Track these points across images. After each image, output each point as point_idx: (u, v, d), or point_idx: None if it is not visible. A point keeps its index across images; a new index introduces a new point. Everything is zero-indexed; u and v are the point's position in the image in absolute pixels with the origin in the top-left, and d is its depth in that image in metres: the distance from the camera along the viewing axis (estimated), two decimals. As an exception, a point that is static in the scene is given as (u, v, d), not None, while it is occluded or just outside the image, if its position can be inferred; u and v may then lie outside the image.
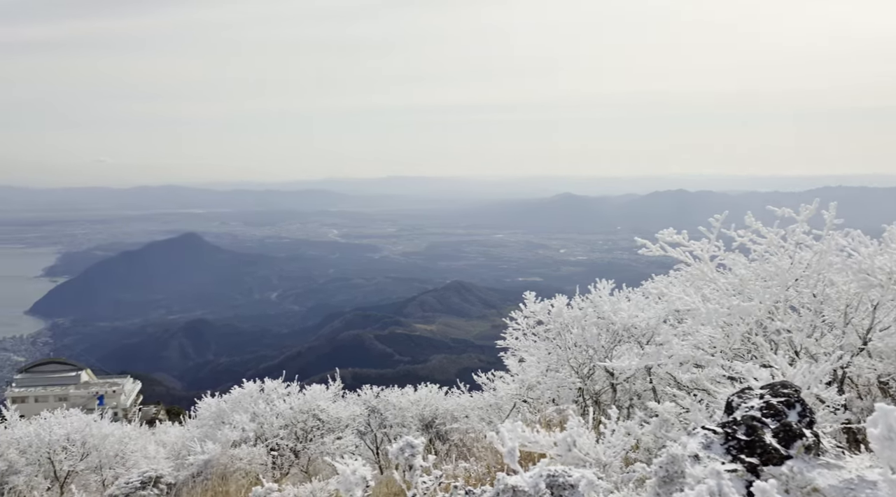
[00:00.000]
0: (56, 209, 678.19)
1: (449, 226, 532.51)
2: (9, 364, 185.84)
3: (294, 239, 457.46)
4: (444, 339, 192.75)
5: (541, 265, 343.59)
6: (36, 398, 60.33)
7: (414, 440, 4.69)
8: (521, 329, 12.63)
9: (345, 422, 13.61)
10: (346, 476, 4.16)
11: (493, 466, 7.00)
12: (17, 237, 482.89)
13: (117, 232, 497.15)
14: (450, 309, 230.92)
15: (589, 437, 5.07)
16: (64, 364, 72.05)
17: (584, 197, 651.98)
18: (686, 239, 8.51)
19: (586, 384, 11.63)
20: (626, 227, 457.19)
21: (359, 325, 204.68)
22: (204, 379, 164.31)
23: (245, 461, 10.95)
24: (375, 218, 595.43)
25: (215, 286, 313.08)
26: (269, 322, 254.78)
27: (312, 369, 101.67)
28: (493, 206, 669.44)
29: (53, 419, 12.42)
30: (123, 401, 63.76)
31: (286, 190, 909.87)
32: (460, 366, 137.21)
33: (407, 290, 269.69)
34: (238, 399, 14.55)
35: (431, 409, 15.14)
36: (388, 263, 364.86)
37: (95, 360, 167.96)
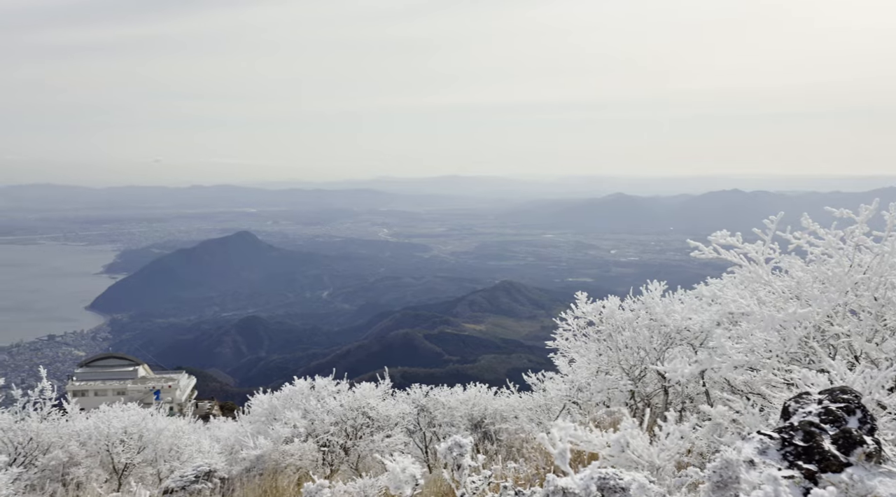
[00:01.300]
0: (116, 208, 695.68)
1: (499, 225, 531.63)
2: (70, 358, 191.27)
3: (345, 238, 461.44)
4: (494, 338, 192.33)
5: (591, 266, 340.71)
6: (95, 392, 61.84)
7: (462, 439, 4.69)
8: (571, 330, 12.54)
9: (394, 420, 13.67)
10: (396, 474, 4.18)
11: (543, 468, 6.96)
12: (79, 235, 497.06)
13: (173, 230, 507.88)
14: (499, 309, 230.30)
15: (642, 440, 5.01)
16: (122, 359, 73.71)
17: (635, 197, 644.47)
18: (740, 241, 8.34)
19: (638, 386, 11.49)
20: (679, 228, 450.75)
21: (408, 324, 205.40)
22: (256, 375, 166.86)
23: (296, 457, 11.09)
24: (425, 217, 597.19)
25: (268, 284, 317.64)
26: (319, 320, 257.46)
27: (362, 367, 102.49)
28: (543, 205, 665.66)
29: (112, 412, 12.70)
30: (178, 396, 64.95)
31: (337, 189, 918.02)
32: (509, 366, 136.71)
33: (456, 289, 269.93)
34: (289, 396, 14.74)
35: (480, 408, 15.12)
36: (438, 263, 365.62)
37: (152, 355, 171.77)
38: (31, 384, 12.10)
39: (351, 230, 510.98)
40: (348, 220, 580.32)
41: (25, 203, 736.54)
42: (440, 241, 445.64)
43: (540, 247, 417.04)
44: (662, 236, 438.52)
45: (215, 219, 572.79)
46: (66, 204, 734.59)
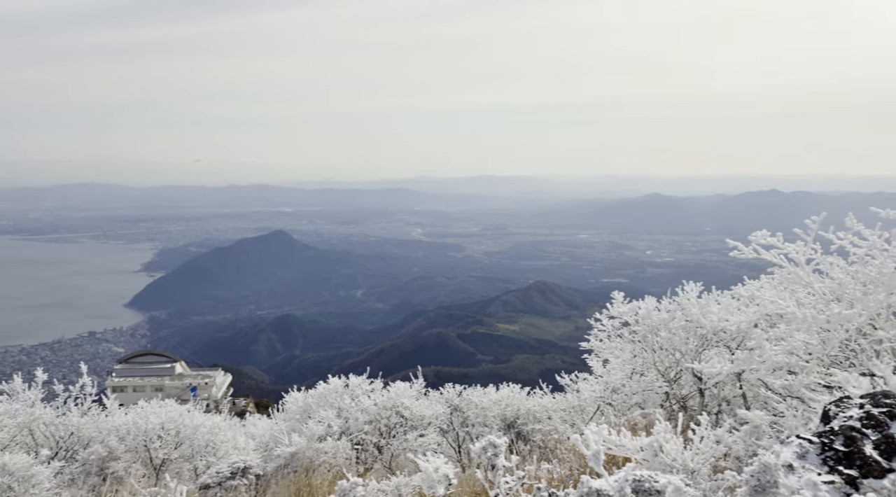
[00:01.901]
0: (154, 207, 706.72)
1: (532, 225, 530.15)
2: (109, 354, 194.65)
3: (379, 237, 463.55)
4: (527, 339, 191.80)
5: (626, 266, 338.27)
6: (134, 388, 62.82)
7: (497, 440, 4.68)
8: (606, 330, 12.44)
9: (427, 419, 13.69)
10: (429, 473, 4.18)
11: (577, 469, 6.92)
12: (119, 233, 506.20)
13: (210, 229, 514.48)
14: (533, 309, 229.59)
15: (676, 443, 4.95)
16: (160, 356, 74.77)
17: (671, 197, 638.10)
18: (781, 241, 8.21)
19: (673, 388, 11.37)
20: (716, 229, 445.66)
21: (441, 324, 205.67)
22: (290, 373, 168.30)
23: (330, 455, 11.15)
24: (459, 217, 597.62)
25: (302, 283, 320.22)
26: (353, 319, 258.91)
27: (395, 366, 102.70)
28: (577, 205, 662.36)
29: (150, 408, 12.88)
30: (215, 393, 65.72)
31: (371, 189, 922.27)
32: (543, 366, 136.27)
33: (490, 289, 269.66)
34: (324, 394, 14.81)
35: (513, 409, 15.07)
36: (472, 263, 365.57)
37: (189, 352, 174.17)
38: (73, 379, 12.33)
39: (385, 230, 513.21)
40: (382, 219, 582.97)
41: (69, 202, 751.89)
42: (474, 241, 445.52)
43: (574, 247, 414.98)
44: (699, 237, 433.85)
45: (251, 218, 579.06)
46: (107, 203, 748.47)
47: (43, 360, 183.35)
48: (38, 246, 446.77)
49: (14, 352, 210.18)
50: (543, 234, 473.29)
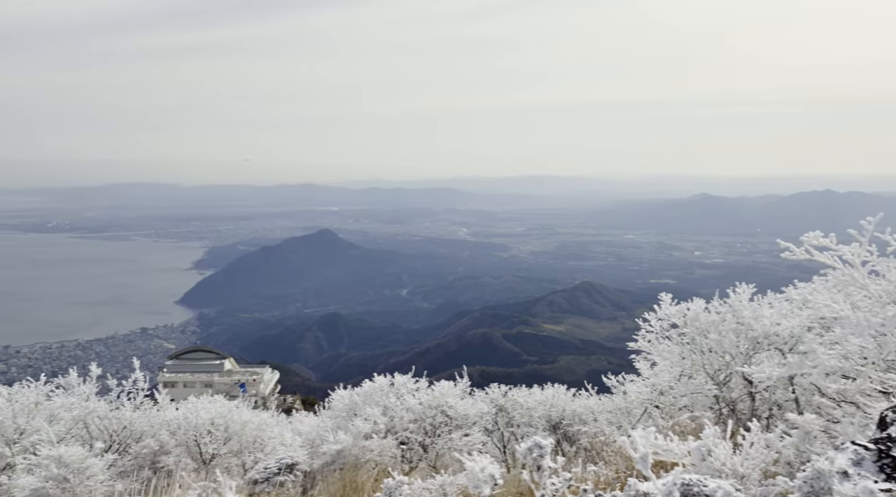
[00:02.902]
0: (204, 206, 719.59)
1: (579, 225, 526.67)
2: (161, 350, 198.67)
3: (424, 237, 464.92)
4: (573, 339, 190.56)
5: (674, 267, 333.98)
6: (184, 383, 64.01)
7: (543, 441, 4.66)
8: (653, 332, 12.29)
9: (472, 419, 13.68)
10: (475, 473, 4.18)
11: (623, 472, 6.85)
12: (170, 232, 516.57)
13: (258, 228, 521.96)
14: (579, 309, 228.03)
15: (726, 447, 4.87)
16: (209, 352, 75.99)
17: (721, 197, 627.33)
18: (834, 242, 8.01)
19: (722, 392, 11.19)
20: (767, 230, 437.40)
21: (487, 324, 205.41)
22: (337, 371, 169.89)
23: (375, 453, 11.21)
24: (504, 217, 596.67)
25: (348, 282, 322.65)
26: (399, 318, 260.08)
27: (440, 365, 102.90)
28: (624, 205, 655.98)
29: (199, 404, 13.07)
30: (262, 389, 66.55)
31: (417, 188, 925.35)
32: (589, 367, 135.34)
33: (535, 289, 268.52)
34: (369, 392, 14.89)
35: (559, 409, 14.97)
36: (517, 262, 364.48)
37: (237, 349, 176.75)
38: (125, 374, 12.60)
39: (430, 229, 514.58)
40: (427, 219, 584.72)
41: (122, 201, 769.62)
42: (519, 241, 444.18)
43: (621, 247, 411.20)
44: (749, 238, 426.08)
45: (299, 217, 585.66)
46: (159, 202, 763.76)
47: (97, 355, 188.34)
48: (93, 244, 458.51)
49: (70, 347, 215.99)
50: (590, 234, 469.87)
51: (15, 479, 8.54)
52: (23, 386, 10.82)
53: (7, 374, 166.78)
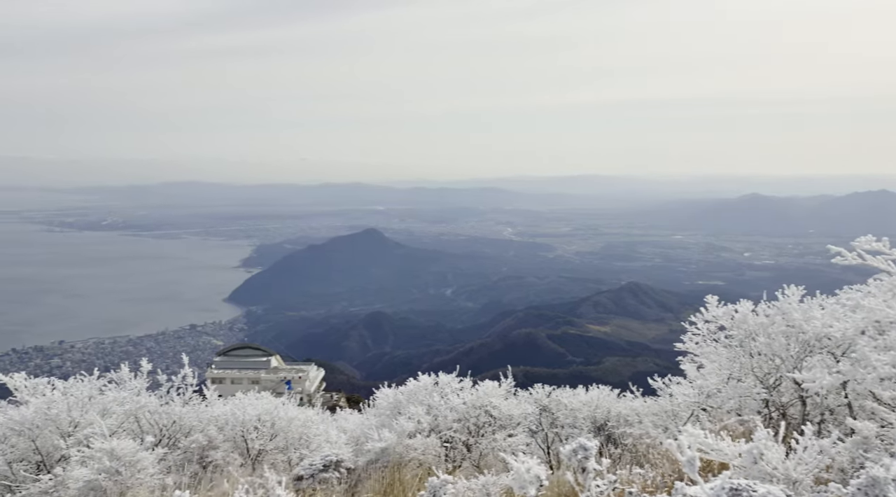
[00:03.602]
0: (253, 204, 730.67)
1: (625, 226, 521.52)
2: (209, 347, 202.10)
3: (469, 236, 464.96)
4: (618, 340, 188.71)
5: (723, 268, 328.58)
6: (232, 380, 64.88)
7: (588, 442, 4.62)
8: (701, 334, 12.10)
9: (516, 419, 13.63)
10: (521, 473, 4.16)
11: (670, 475, 6.76)
12: (219, 230, 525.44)
13: (305, 227, 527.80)
14: (625, 310, 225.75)
15: (778, 451, 4.77)
16: (257, 349, 76.96)
17: (771, 197, 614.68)
18: (888, 246, 7.80)
19: (772, 395, 10.97)
20: (820, 231, 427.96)
21: (531, 324, 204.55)
22: (381, 369, 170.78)
23: (419, 451, 11.24)
24: (550, 217, 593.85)
25: (393, 280, 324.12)
26: (443, 317, 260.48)
27: (484, 365, 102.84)
28: (672, 205, 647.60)
29: (247, 400, 13.24)
30: (308, 387, 67.15)
31: (462, 188, 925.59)
32: (634, 369, 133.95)
33: (581, 289, 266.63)
34: (413, 391, 14.92)
35: (604, 411, 14.83)
36: (562, 263, 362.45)
37: (284, 347, 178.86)
38: (175, 370, 12.83)
39: (475, 229, 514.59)
40: (473, 218, 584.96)
41: (173, 199, 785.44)
42: (565, 241, 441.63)
43: (668, 248, 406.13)
44: (801, 239, 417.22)
45: (345, 216, 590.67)
46: (209, 201, 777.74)
47: (148, 351, 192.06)
48: (146, 242, 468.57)
49: (122, 342, 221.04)
50: (637, 235, 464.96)
51: (69, 471, 8.76)
52: (77, 380, 11.08)
53: (62, 368, 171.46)
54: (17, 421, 9.64)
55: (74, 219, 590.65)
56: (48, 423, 9.84)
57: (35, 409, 9.83)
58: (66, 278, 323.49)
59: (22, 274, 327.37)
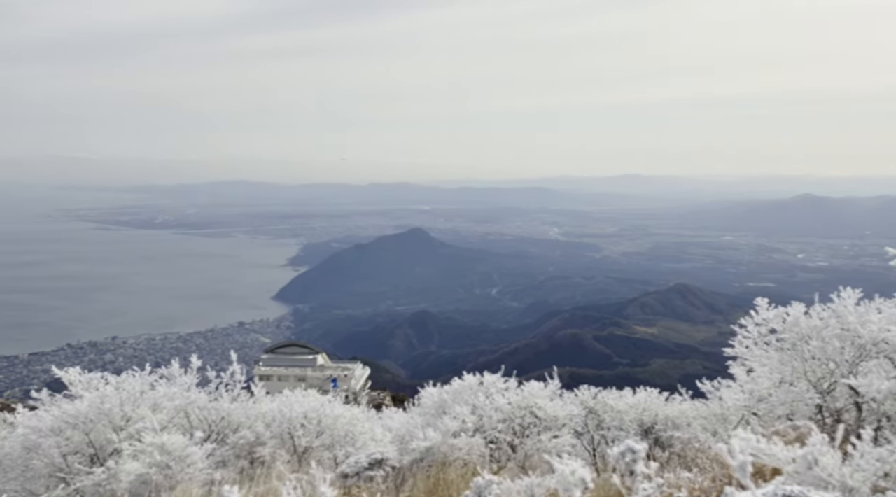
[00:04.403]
0: (301, 204, 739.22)
1: (674, 226, 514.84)
2: (257, 344, 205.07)
3: (515, 236, 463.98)
4: (666, 342, 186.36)
5: (774, 270, 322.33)
6: (279, 377, 65.59)
7: (636, 445, 4.55)
8: (751, 337, 11.85)
9: (562, 421, 13.52)
10: (566, 475, 4.11)
11: (720, 479, 6.63)
12: (267, 229, 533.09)
13: (352, 226, 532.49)
14: (673, 312, 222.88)
15: (834, 457, 4.63)
16: (303, 347, 77.66)
17: (826, 198, 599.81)
18: (950, 246, 7.54)
19: (826, 401, 10.69)
20: (878, 232, 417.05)
21: (577, 325, 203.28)
22: (426, 368, 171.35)
23: (464, 451, 11.22)
24: (597, 217, 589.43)
25: (439, 280, 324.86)
26: (488, 317, 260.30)
27: (530, 366, 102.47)
28: (722, 206, 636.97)
29: (294, 397, 13.35)
30: (354, 385, 67.57)
31: (509, 188, 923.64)
32: (683, 371, 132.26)
33: (628, 290, 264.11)
34: (458, 390, 14.91)
35: (651, 414, 14.64)
36: (609, 263, 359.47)
37: (330, 345, 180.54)
38: (223, 367, 13.01)
39: (521, 228, 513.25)
40: (519, 218, 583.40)
41: (224, 199, 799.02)
42: (612, 242, 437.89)
43: (718, 249, 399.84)
44: (857, 240, 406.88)
45: (391, 215, 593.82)
46: (260, 200, 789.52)
47: (197, 348, 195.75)
48: (195, 240, 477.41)
49: (172, 338, 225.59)
50: (686, 236, 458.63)
51: (122, 465, 8.94)
52: (129, 375, 11.30)
53: (115, 363, 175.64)
54: (71, 414, 9.87)
55: (127, 217, 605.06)
56: (101, 417, 10.05)
57: (89, 404, 10.05)
58: (119, 275, 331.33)
59: (77, 271, 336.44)
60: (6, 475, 9.86)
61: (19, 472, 9.75)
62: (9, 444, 10.03)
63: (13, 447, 9.94)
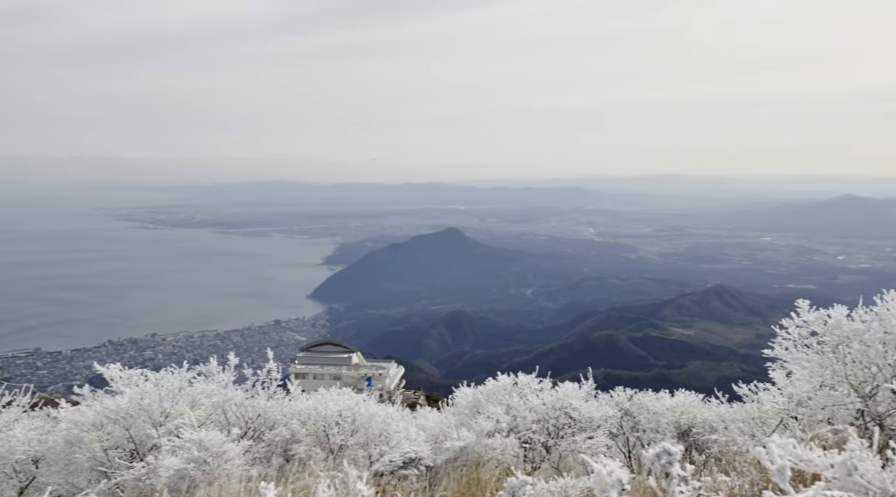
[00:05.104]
0: (336, 203, 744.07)
1: (711, 227, 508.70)
2: (293, 342, 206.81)
3: (550, 236, 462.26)
4: (703, 344, 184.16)
5: (814, 272, 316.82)
6: (314, 375, 66.06)
7: (672, 447, 4.51)
8: (791, 339, 11.66)
9: (597, 422, 13.44)
10: (602, 476, 4.09)
11: (758, 483, 6.55)
12: (303, 228, 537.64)
13: (386, 225, 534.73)
14: (710, 314, 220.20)
15: (873, 463, 4.55)
16: (338, 346, 78.05)
17: (868, 199, 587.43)
18: None
19: (868, 405, 10.50)
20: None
21: (612, 326, 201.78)
22: (460, 368, 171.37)
23: (498, 451, 11.21)
24: (633, 217, 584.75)
25: (473, 280, 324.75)
26: (523, 317, 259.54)
27: (564, 366, 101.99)
28: (760, 206, 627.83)
29: (328, 396, 13.44)
30: (388, 384, 67.76)
31: (544, 188, 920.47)
32: (719, 374, 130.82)
33: (664, 292, 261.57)
34: (492, 390, 14.89)
35: (688, 416, 14.49)
36: (645, 264, 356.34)
37: (364, 344, 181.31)
38: (260, 364, 13.14)
39: (556, 229, 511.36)
40: (554, 218, 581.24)
41: (262, 198, 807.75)
42: (648, 242, 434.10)
43: (757, 250, 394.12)
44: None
45: (425, 215, 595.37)
46: (295, 199, 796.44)
47: (234, 345, 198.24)
48: (232, 239, 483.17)
49: (210, 336, 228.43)
50: (724, 236, 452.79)
51: (161, 460, 9.08)
52: (168, 372, 11.46)
53: (154, 360, 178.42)
54: (112, 410, 10.05)
55: (166, 216, 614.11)
56: (141, 413, 10.22)
57: (129, 399, 10.23)
58: (158, 273, 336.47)
59: (119, 269, 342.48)
60: (50, 468, 10.07)
61: (62, 466, 9.96)
62: (53, 438, 10.25)
63: (57, 441, 10.15)
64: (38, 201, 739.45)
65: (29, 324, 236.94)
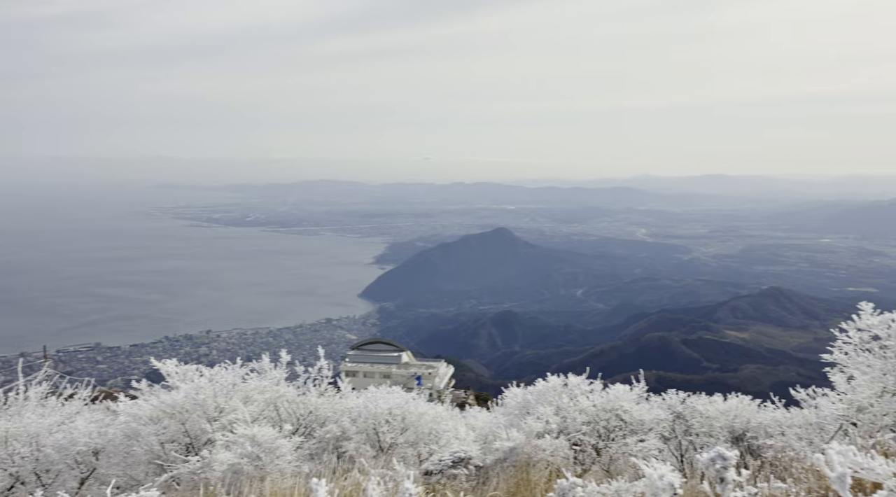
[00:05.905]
0: (387, 203, 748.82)
1: (767, 228, 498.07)
2: (343, 341, 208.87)
3: (601, 237, 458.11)
4: (758, 348, 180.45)
5: (876, 275, 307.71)
6: (364, 373, 66.58)
7: (726, 452, 4.43)
8: (852, 343, 11.33)
9: (648, 425, 13.26)
10: (654, 480, 4.04)
11: (816, 491, 6.38)
12: (355, 227, 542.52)
13: (436, 225, 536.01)
14: (765, 316, 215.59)
15: (940, 473, 4.39)
16: (388, 344, 78.46)
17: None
18: None
19: (932, 412, 10.16)
20: None
21: (664, 328, 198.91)
22: (510, 368, 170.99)
23: (548, 452, 11.13)
24: (686, 218, 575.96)
25: (523, 280, 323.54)
26: (573, 318, 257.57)
27: (615, 368, 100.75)
28: (819, 207, 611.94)
29: (379, 394, 13.52)
30: (437, 383, 67.90)
31: (595, 187, 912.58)
32: (775, 378, 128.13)
33: (718, 293, 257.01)
34: (542, 391, 14.80)
35: (743, 421, 14.20)
36: (698, 265, 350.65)
37: (414, 342, 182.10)
38: (311, 362, 13.27)
39: (607, 229, 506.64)
40: (605, 218, 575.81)
41: (314, 197, 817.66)
42: (701, 243, 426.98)
43: (814, 252, 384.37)
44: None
45: (475, 215, 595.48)
46: (346, 199, 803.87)
47: (286, 343, 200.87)
48: (286, 237, 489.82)
49: (262, 333, 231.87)
50: (780, 238, 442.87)
51: (215, 454, 9.24)
52: (222, 368, 11.65)
53: (209, 356, 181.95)
54: (168, 404, 10.26)
55: (220, 215, 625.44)
56: (196, 408, 10.42)
57: (185, 394, 10.43)
58: (213, 271, 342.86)
59: (175, 266, 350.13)
60: (110, 460, 10.32)
61: (121, 458, 10.20)
62: (112, 431, 10.49)
63: (116, 434, 10.40)
64: (97, 200, 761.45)
65: (90, 319, 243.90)
